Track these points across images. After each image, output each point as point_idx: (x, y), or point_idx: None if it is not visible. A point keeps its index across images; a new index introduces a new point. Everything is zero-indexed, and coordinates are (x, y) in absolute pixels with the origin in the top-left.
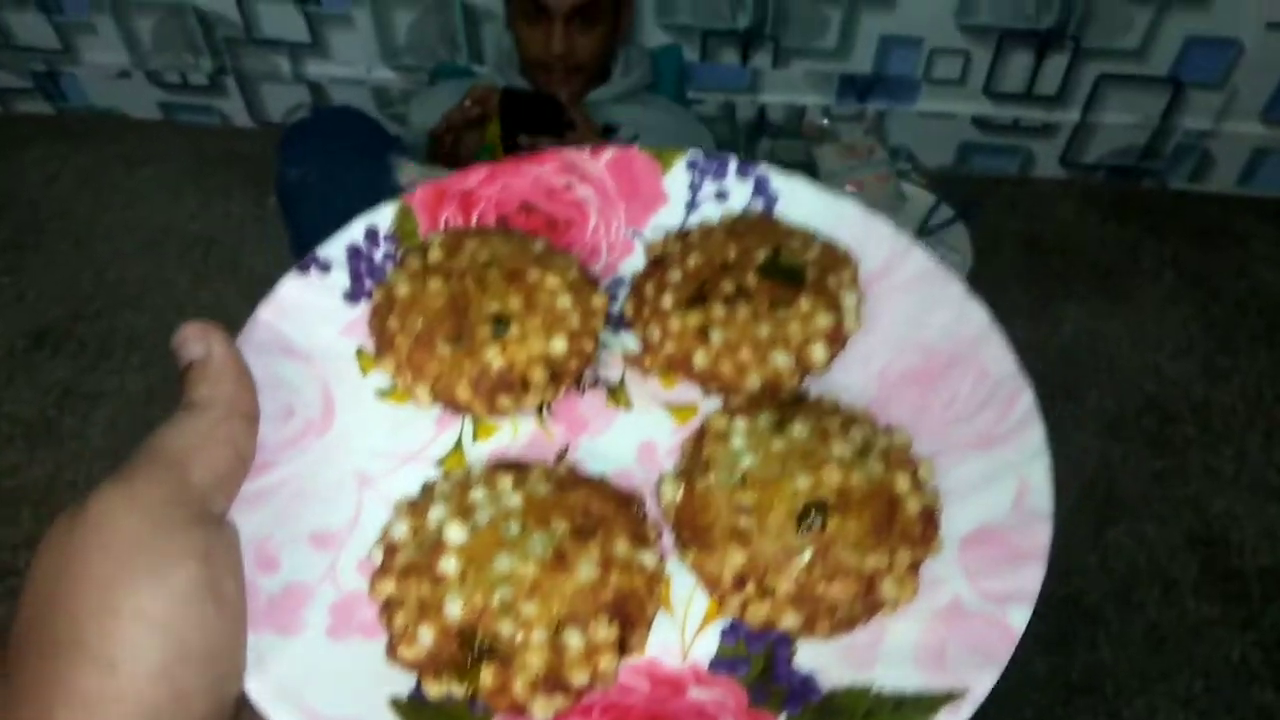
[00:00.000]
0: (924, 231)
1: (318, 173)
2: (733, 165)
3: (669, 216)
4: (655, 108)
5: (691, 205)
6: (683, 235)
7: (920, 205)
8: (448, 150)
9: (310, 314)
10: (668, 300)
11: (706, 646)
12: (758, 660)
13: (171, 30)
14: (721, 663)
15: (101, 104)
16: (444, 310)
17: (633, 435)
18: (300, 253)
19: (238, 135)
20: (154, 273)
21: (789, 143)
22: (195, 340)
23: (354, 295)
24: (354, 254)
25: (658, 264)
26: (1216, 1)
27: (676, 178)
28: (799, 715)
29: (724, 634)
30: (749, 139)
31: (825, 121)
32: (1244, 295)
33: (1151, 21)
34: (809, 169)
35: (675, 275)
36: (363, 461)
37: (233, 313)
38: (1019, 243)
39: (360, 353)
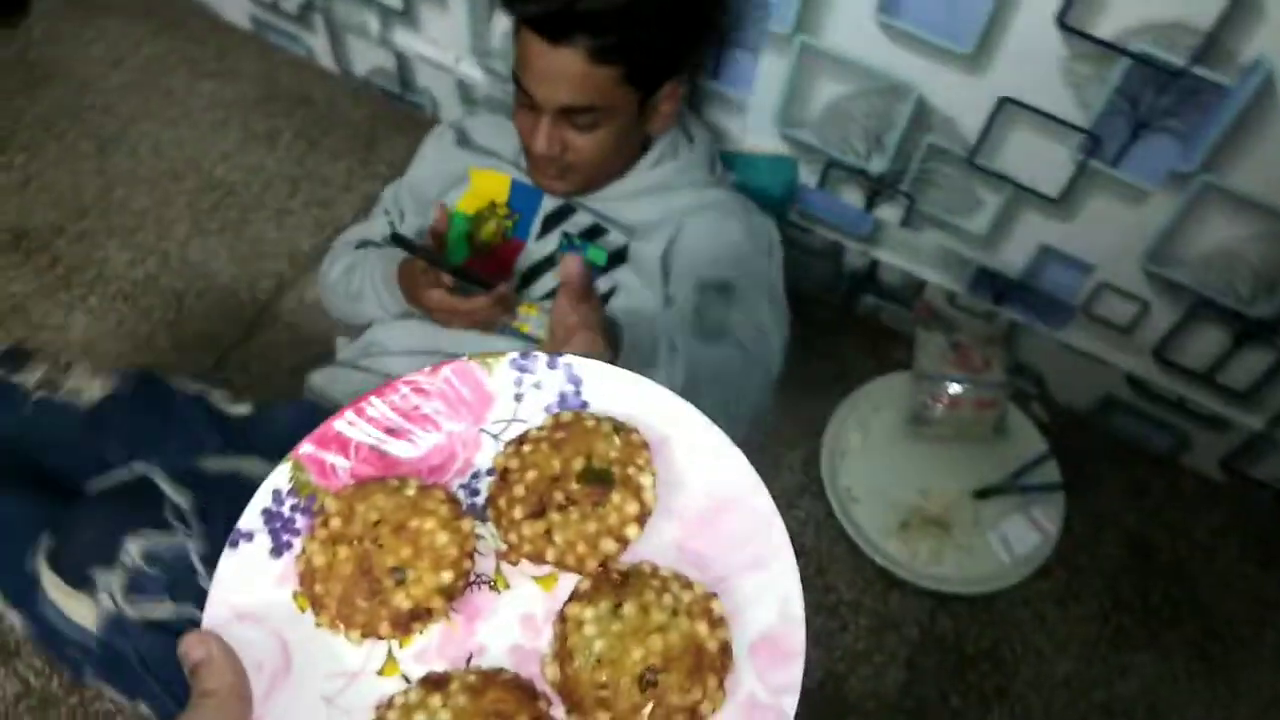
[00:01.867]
0: (1011, 487)
1: None
2: (542, 360)
3: (502, 410)
4: (695, 193)
5: (518, 397)
6: (518, 446)
7: (1022, 449)
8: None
9: (249, 580)
10: (518, 512)
11: None
12: None
13: None
14: None
15: None
16: (355, 574)
17: (514, 610)
18: None
19: (317, 77)
20: (158, 209)
21: (897, 309)
22: (197, 646)
23: (277, 550)
24: (268, 516)
25: (504, 477)
26: None
27: (501, 377)
28: None
29: None
30: (852, 290)
31: (944, 307)
32: None
33: None
34: (908, 348)
35: (519, 490)
36: (322, 684)
37: (211, 276)
38: (1127, 544)
39: (296, 595)
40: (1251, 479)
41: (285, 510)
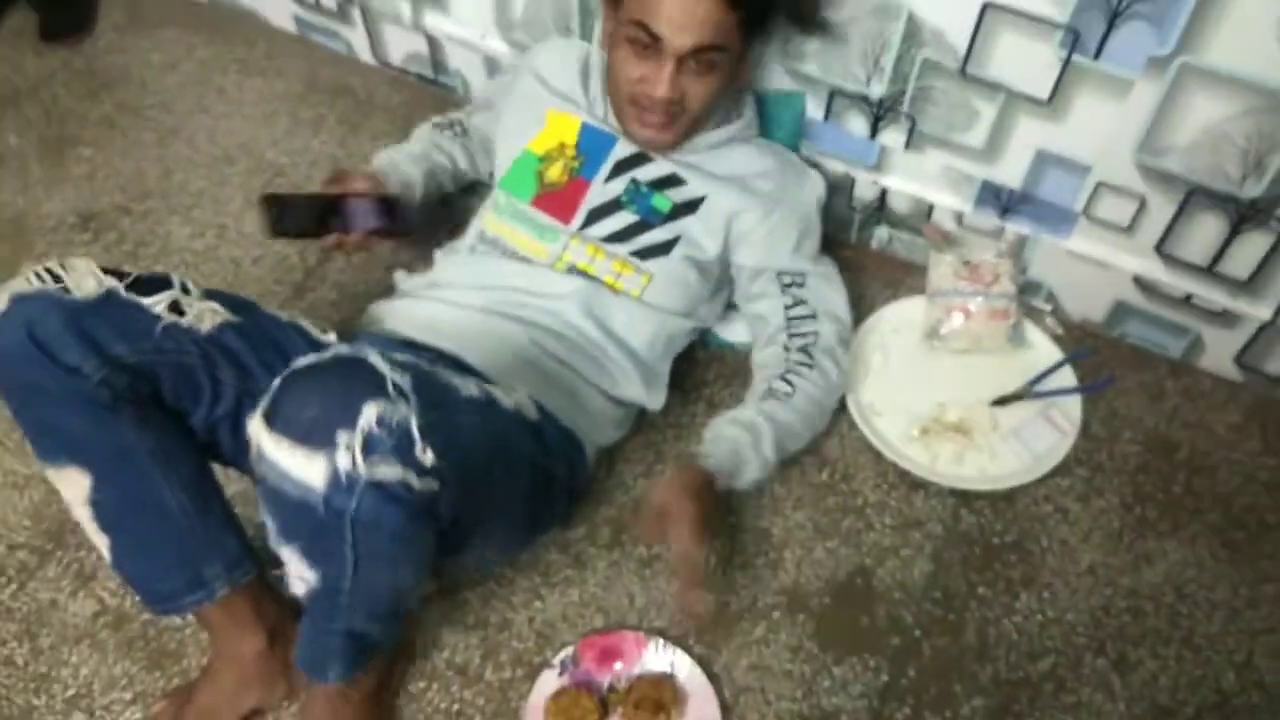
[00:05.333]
0: (1028, 393)
1: None
2: (658, 644)
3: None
4: (755, 151)
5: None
6: (634, 682)
7: (1038, 360)
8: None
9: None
10: (627, 709)
11: None
12: None
13: None
14: None
15: (246, 3)
16: (564, 706)
17: None
18: None
19: (355, 69)
20: (214, 189)
21: (910, 239)
22: None
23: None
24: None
25: (626, 693)
26: None
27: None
28: None
29: None
30: (865, 222)
31: (953, 228)
32: None
33: None
34: (923, 276)
35: (631, 700)
36: None
37: (265, 244)
38: (1146, 443)
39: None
40: (1268, 375)
41: (552, 661)
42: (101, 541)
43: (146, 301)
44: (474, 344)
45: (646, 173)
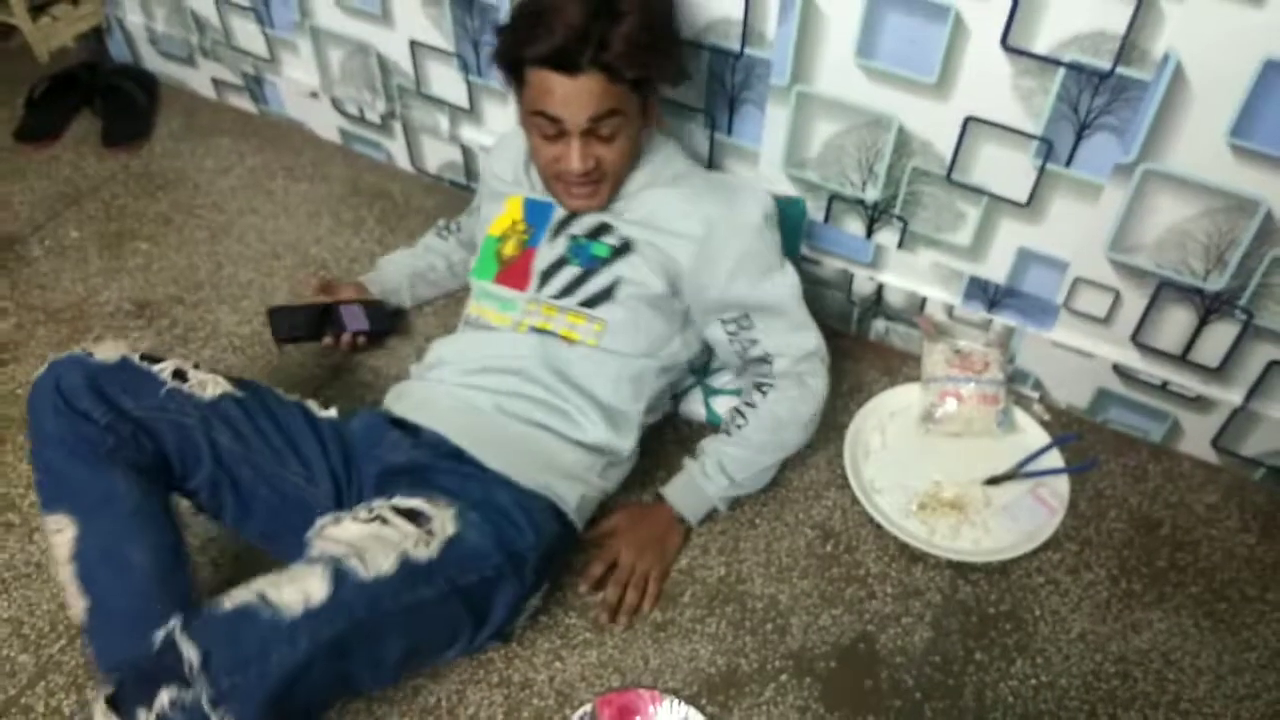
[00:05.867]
0: (1017, 474)
1: None
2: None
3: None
4: (674, 195)
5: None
6: None
7: (1026, 443)
8: None
9: None
10: None
11: None
12: None
13: (356, 66)
14: None
15: (294, 116)
16: None
17: None
18: None
19: (394, 176)
20: (260, 280)
21: (905, 330)
22: None
23: None
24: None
25: None
26: None
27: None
28: None
29: None
30: (863, 315)
31: (944, 320)
32: None
33: None
34: (918, 365)
35: None
36: None
37: None
38: (1130, 521)
39: None
40: (1243, 457)
41: (572, 718)
42: (80, 605)
43: (155, 368)
44: (449, 419)
45: (581, 226)
